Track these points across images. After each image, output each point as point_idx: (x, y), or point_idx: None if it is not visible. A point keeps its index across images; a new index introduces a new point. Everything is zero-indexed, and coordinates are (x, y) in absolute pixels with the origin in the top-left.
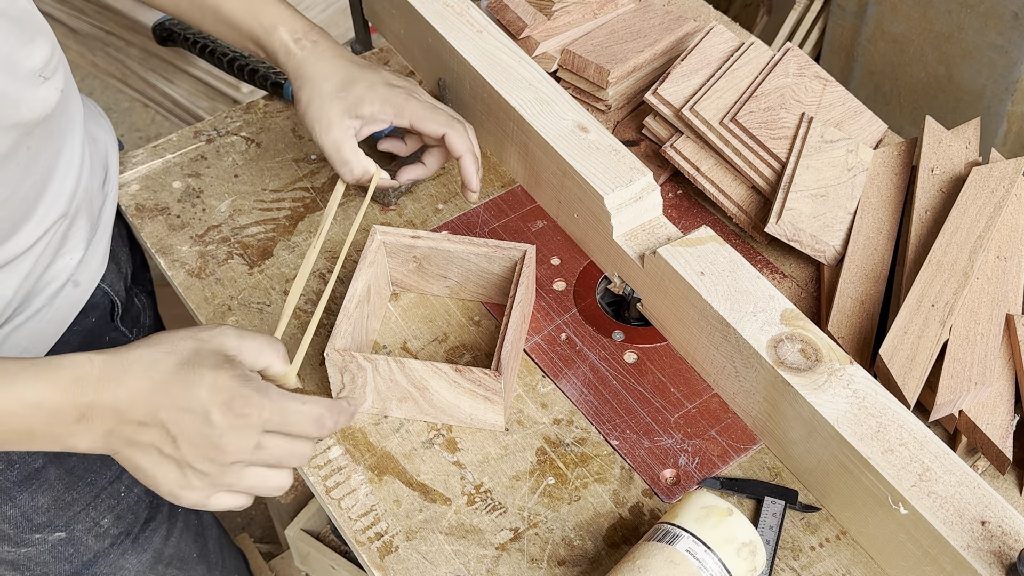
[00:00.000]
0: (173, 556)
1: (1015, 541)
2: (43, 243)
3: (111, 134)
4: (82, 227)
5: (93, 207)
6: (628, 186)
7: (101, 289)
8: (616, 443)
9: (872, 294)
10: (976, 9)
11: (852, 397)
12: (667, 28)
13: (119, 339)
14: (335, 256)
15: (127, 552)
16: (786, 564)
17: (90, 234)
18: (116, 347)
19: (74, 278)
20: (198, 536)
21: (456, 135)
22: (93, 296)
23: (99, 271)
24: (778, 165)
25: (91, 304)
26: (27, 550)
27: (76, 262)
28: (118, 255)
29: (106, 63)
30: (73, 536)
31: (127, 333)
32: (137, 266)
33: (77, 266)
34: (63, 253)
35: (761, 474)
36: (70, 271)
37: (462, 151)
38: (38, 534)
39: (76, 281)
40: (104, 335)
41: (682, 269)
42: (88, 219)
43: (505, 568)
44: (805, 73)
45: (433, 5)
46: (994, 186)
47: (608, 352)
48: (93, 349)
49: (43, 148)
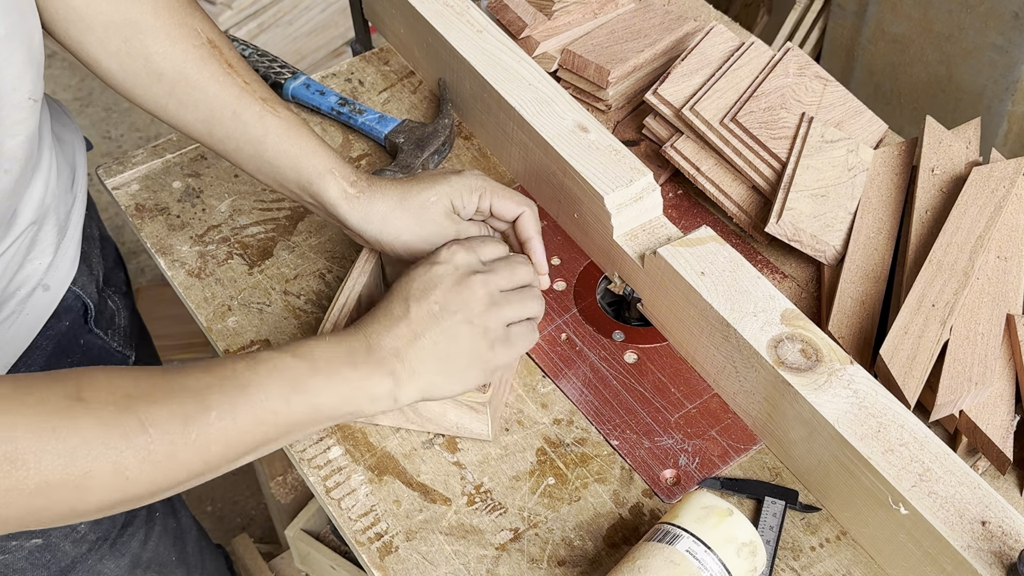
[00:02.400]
0: (151, 560)
1: (1015, 541)
2: (12, 251)
3: (77, 134)
4: (50, 231)
5: (61, 211)
6: (628, 186)
7: (72, 292)
8: (616, 443)
9: (872, 294)
10: (976, 9)
11: (852, 397)
12: (667, 28)
13: (93, 342)
14: (335, 256)
15: (105, 557)
16: (786, 564)
17: (58, 238)
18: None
19: (44, 282)
20: (176, 540)
21: (531, 217)
22: (64, 300)
23: (69, 274)
24: (778, 165)
25: (63, 307)
26: (4, 557)
27: (45, 266)
28: (89, 257)
29: None
30: (50, 542)
31: (101, 335)
32: (110, 267)
33: (46, 270)
34: (31, 258)
35: (761, 474)
36: (39, 276)
37: (531, 234)
38: (15, 540)
39: (46, 285)
40: (78, 338)
41: (682, 269)
42: (56, 223)
43: (505, 568)
44: (805, 73)
45: (433, 5)
46: (994, 186)
47: (608, 352)
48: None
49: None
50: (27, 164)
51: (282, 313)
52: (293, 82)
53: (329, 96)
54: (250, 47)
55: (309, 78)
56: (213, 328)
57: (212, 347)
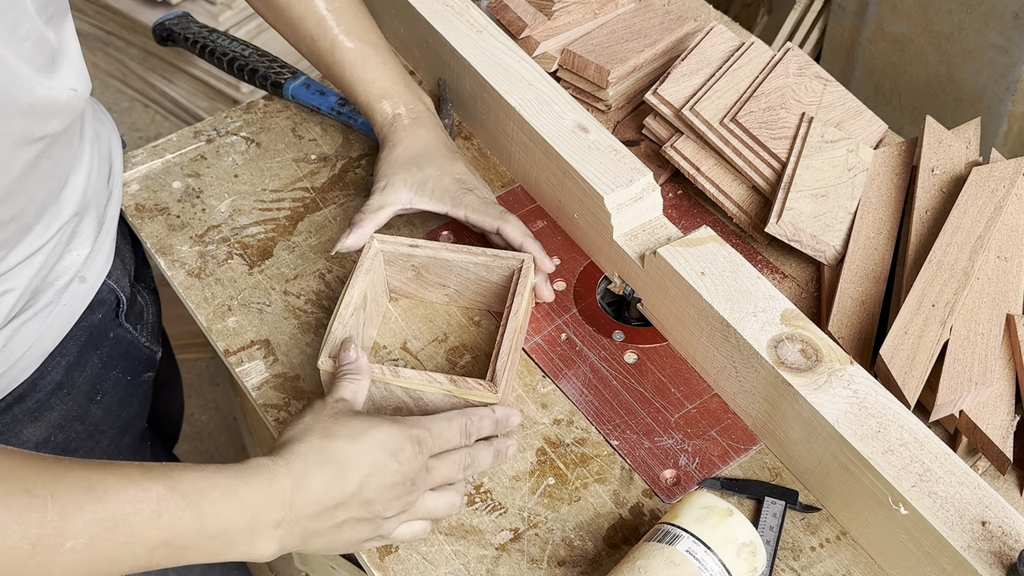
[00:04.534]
0: None
1: (1015, 541)
2: (54, 241)
3: (114, 131)
4: (90, 224)
5: (99, 204)
6: (628, 186)
7: (107, 285)
8: (616, 443)
9: (872, 294)
10: (976, 9)
11: (852, 397)
12: (667, 28)
13: (123, 335)
14: (335, 256)
15: None
16: (786, 564)
17: (96, 230)
18: (278, 449)
19: (81, 274)
20: None
21: (511, 227)
22: (99, 292)
23: (105, 267)
24: (778, 165)
25: (97, 300)
26: None
27: (83, 258)
28: (122, 252)
29: (106, 63)
30: None
31: (131, 330)
32: (139, 264)
33: (84, 262)
34: (71, 249)
35: (761, 474)
36: (77, 267)
37: (520, 239)
38: None
39: (83, 277)
40: (109, 331)
41: (682, 269)
42: (95, 216)
43: (505, 568)
44: (805, 73)
45: (433, 5)
46: (994, 186)
47: (608, 352)
48: (96, 346)
49: (63, 156)
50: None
51: (282, 313)
52: (293, 82)
53: (329, 96)
54: (250, 47)
55: (309, 78)
56: (213, 328)
57: (212, 347)
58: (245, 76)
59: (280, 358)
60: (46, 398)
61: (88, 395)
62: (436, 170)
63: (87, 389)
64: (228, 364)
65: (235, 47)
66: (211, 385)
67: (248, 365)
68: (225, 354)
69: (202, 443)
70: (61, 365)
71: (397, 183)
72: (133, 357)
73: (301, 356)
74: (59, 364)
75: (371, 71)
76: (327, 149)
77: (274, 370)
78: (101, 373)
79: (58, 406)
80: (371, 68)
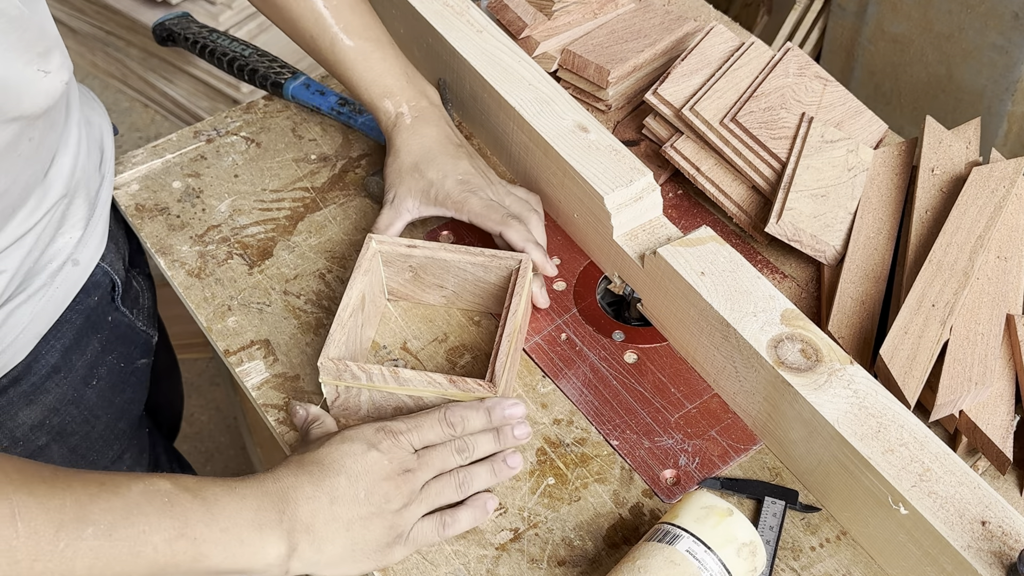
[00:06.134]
0: None
1: (1015, 541)
2: (43, 223)
3: (105, 118)
4: (80, 206)
5: (91, 187)
6: (628, 186)
7: (101, 268)
8: (616, 443)
9: (872, 294)
10: (976, 9)
11: (852, 397)
12: (667, 28)
13: (120, 319)
14: (335, 256)
15: None
16: (786, 564)
17: (88, 213)
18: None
19: (73, 257)
20: None
21: (512, 232)
22: (93, 275)
23: (98, 250)
24: (778, 165)
25: (92, 283)
26: None
27: (75, 241)
28: (116, 236)
29: (106, 63)
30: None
31: (127, 313)
32: (134, 249)
33: (76, 245)
34: (62, 232)
35: (761, 474)
36: (70, 250)
37: (522, 244)
38: None
39: (76, 260)
40: (106, 315)
41: (682, 269)
42: (86, 199)
43: (505, 568)
44: (805, 73)
45: (433, 5)
46: (994, 186)
47: (608, 352)
48: (95, 330)
49: (45, 138)
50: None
51: (282, 313)
52: (293, 82)
53: (329, 96)
54: (250, 47)
55: (309, 78)
56: (213, 328)
57: (212, 347)
58: (245, 76)
59: (280, 358)
60: (41, 381)
61: (84, 379)
62: (438, 173)
63: (84, 373)
64: (228, 364)
65: (235, 47)
66: (211, 385)
67: (248, 365)
68: (225, 354)
69: (202, 443)
70: (57, 348)
71: (403, 193)
72: (130, 341)
73: (301, 356)
74: (54, 347)
75: (372, 69)
76: (327, 149)
77: (274, 370)
78: (99, 357)
79: (53, 389)
80: (372, 66)
